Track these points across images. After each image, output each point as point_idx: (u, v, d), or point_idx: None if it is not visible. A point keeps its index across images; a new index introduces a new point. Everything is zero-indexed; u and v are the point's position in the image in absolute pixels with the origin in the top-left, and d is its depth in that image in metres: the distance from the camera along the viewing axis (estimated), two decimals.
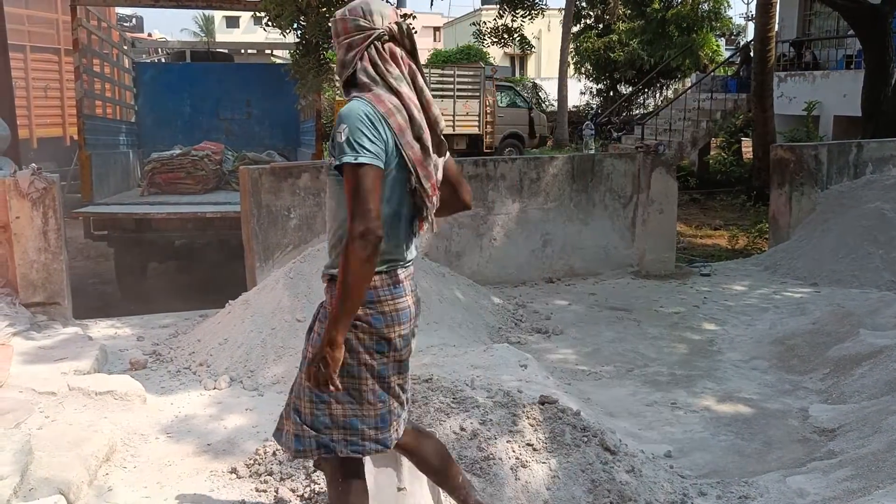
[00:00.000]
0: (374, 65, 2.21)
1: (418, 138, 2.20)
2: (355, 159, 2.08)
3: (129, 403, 3.94)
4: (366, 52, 2.22)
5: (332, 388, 2.16)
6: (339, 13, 2.28)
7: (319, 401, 2.27)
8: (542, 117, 21.94)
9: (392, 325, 2.25)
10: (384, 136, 2.14)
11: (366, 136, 2.10)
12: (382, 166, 2.12)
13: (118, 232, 6.91)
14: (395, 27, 2.26)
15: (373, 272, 2.14)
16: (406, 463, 2.69)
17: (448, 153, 2.42)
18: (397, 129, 2.16)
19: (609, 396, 4.46)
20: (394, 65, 2.23)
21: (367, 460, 2.74)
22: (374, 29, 2.24)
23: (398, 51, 2.26)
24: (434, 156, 2.28)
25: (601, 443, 3.13)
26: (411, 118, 2.19)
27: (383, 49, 2.23)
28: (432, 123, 2.28)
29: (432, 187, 2.22)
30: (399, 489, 2.69)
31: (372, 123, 2.12)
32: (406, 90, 2.22)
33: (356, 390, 2.25)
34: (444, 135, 2.36)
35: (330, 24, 2.30)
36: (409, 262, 2.33)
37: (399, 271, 2.27)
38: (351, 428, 2.26)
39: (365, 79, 2.21)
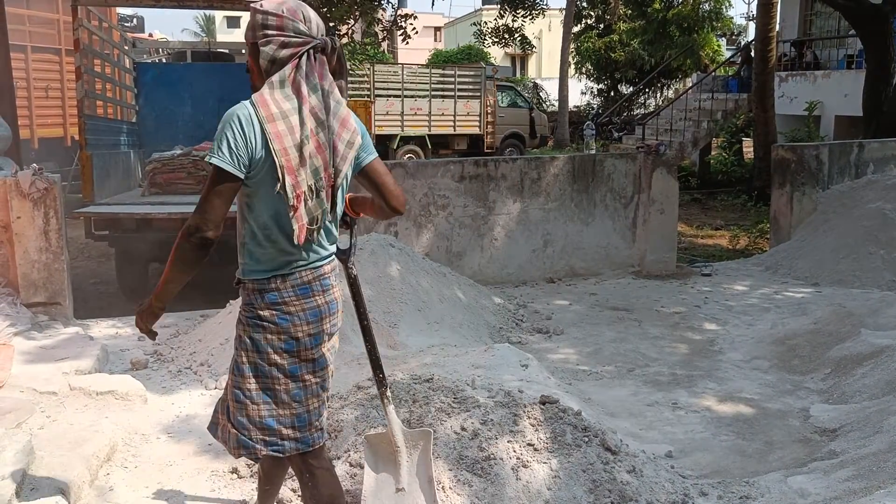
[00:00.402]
0: (298, 69, 2.20)
1: (299, 147, 2.17)
2: (209, 158, 2.13)
3: (130, 403, 3.95)
4: (297, 57, 2.21)
5: (151, 334, 2.36)
6: (271, 5, 2.24)
7: (237, 401, 2.30)
8: (543, 117, 21.93)
9: (300, 324, 2.26)
10: (252, 142, 2.13)
11: (228, 139, 2.12)
12: (237, 172, 2.12)
13: (119, 232, 6.90)
14: (328, 41, 2.27)
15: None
16: (404, 464, 2.70)
17: (377, 156, 2.42)
18: (274, 135, 2.14)
19: (610, 396, 4.45)
20: (316, 75, 2.22)
21: (365, 463, 2.75)
22: (313, 38, 2.24)
23: (325, 63, 2.26)
24: (328, 164, 2.23)
25: (602, 443, 3.12)
26: (302, 125, 2.18)
27: (314, 59, 2.23)
28: (348, 136, 2.27)
29: (297, 198, 2.18)
30: (398, 489, 2.69)
31: (241, 128, 2.13)
32: (315, 102, 2.20)
33: (270, 390, 2.28)
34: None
35: (255, 9, 2.25)
36: (319, 261, 2.31)
37: (304, 272, 2.27)
38: (268, 428, 2.29)
39: (276, 80, 2.20)
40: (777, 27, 14.66)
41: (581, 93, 27.57)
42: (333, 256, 2.39)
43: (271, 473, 2.63)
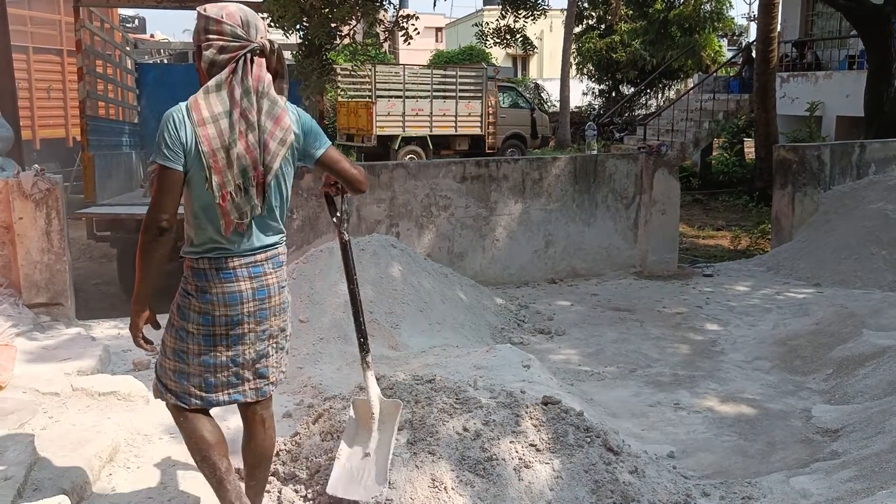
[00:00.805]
0: (234, 73, 2.33)
1: (226, 149, 2.32)
2: (153, 159, 2.34)
3: (132, 404, 3.95)
4: (235, 61, 2.34)
5: (143, 346, 2.53)
6: (213, 10, 2.36)
7: (162, 353, 2.58)
8: (545, 118, 21.91)
9: (217, 304, 2.45)
10: (184, 141, 2.32)
11: (165, 140, 2.32)
12: (178, 167, 2.32)
13: (121, 232, 6.92)
14: (266, 44, 2.39)
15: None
16: (375, 431, 2.85)
17: (329, 146, 2.56)
18: (203, 138, 2.31)
19: (612, 397, 4.45)
20: (252, 78, 2.34)
21: (347, 425, 2.95)
22: (250, 42, 2.36)
23: (263, 65, 2.38)
24: (257, 162, 2.36)
25: (604, 443, 3.12)
26: (231, 129, 2.32)
27: (250, 62, 2.35)
28: (281, 134, 2.39)
29: (223, 197, 2.33)
30: (365, 454, 2.84)
31: (175, 128, 2.32)
32: (246, 105, 2.33)
33: (183, 352, 2.51)
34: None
35: (199, 14, 2.37)
36: (251, 251, 2.47)
37: (232, 259, 2.44)
38: (177, 383, 2.54)
39: (213, 84, 2.34)
40: (778, 28, 14.64)
41: (582, 93, 27.54)
42: (275, 247, 2.54)
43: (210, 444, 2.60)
